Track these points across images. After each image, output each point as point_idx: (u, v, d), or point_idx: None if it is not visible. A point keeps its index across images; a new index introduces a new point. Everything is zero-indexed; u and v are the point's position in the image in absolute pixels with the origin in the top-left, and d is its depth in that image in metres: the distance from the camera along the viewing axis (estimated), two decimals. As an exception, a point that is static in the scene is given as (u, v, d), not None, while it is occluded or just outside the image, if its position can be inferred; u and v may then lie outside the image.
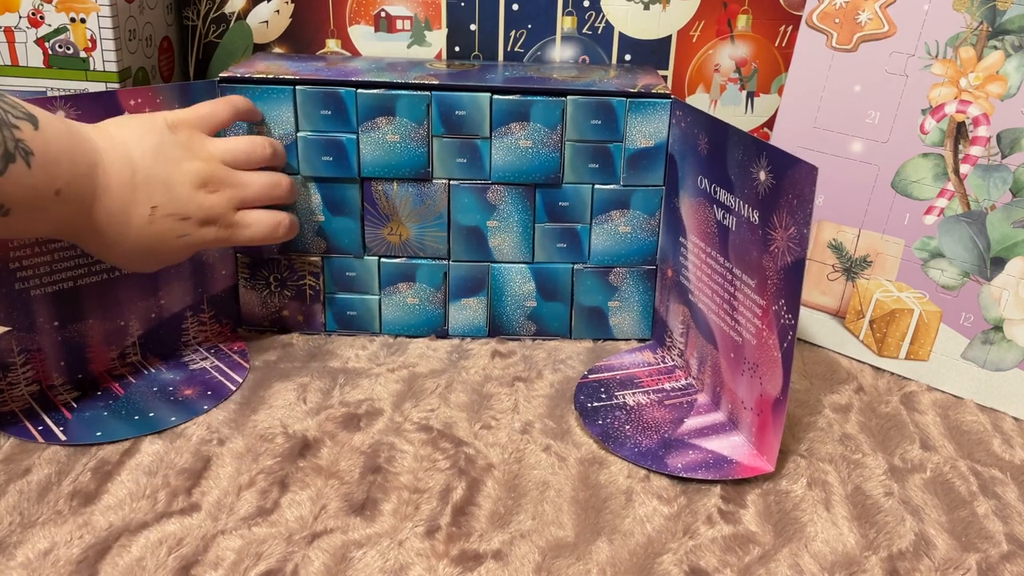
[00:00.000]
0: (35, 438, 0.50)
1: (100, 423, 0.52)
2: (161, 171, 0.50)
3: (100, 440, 0.50)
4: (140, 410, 0.53)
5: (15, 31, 0.61)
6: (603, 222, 0.62)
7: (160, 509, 0.45)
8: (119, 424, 0.52)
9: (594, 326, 0.65)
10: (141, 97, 0.54)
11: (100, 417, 0.52)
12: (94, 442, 0.50)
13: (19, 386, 0.53)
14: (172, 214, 0.50)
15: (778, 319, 0.48)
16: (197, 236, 0.52)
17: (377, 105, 0.58)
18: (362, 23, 0.72)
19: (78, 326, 0.55)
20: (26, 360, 0.53)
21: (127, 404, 0.54)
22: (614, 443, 0.51)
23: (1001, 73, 0.55)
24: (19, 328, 0.52)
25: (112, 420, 0.52)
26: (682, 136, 0.58)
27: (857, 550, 0.44)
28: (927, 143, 0.58)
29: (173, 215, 0.50)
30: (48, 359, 0.54)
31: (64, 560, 0.41)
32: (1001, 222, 0.56)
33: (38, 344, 0.53)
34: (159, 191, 0.50)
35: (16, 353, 0.52)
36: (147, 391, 0.55)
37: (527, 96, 0.58)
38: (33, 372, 0.54)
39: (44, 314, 0.53)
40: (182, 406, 0.54)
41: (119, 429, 0.51)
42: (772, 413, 0.49)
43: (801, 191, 0.45)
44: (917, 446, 0.53)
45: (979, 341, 0.58)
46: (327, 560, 0.42)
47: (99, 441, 0.50)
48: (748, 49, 0.72)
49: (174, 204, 0.50)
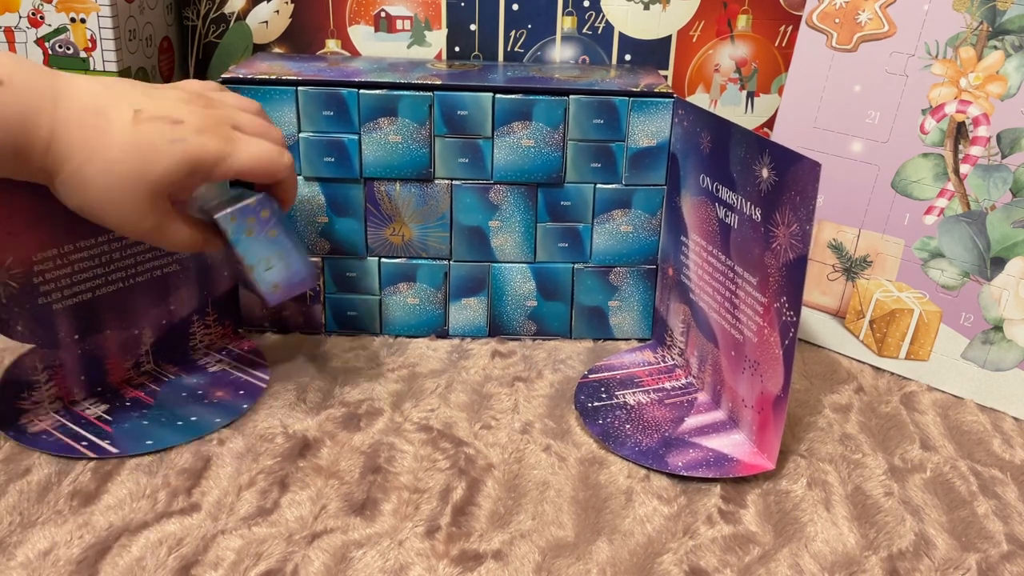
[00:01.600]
0: (84, 454, 0.48)
1: (145, 432, 0.51)
2: (140, 86, 0.44)
3: (152, 449, 0.49)
4: (179, 415, 0.53)
5: (15, 31, 0.61)
6: (604, 221, 0.62)
7: (160, 509, 0.45)
8: (164, 431, 0.51)
9: (594, 326, 0.65)
10: None
11: (141, 427, 0.51)
12: (146, 451, 0.49)
13: (43, 404, 0.52)
14: (160, 117, 0.43)
15: (780, 316, 0.48)
16: (195, 143, 0.43)
17: (379, 105, 0.58)
18: (362, 23, 0.72)
19: (96, 338, 0.53)
20: (49, 377, 0.51)
21: (162, 412, 0.53)
22: (614, 443, 0.51)
23: (1001, 73, 0.55)
24: (43, 344, 0.51)
25: (155, 428, 0.51)
26: (684, 135, 0.58)
27: (857, 550, 0.44)
28: (927, 143, 0.58)
29: (162, 118, 0.43)
30: (70, 374, 0.53)
31: (64, 560, 0.41)
32: (1001, 222, 0.56)
33: (60, 359, 0.52)
34: (141, 98, 0.43)
35: (40, 371, 0.51)
36: (176, 397, 0.55)
37: (529, 96, 0.58)
38: (56, 389, 0.52)
39: (65, 328, 0.52)
40: (220, 408, 0.54)
41: (167, 436, 0.51)
42: (773, 411, 0.49)
43: (804, 188, 0.45)
44: (917, 446, 0.53)
45: (979, 341, 0.58)
46: (327, 560, 0.42)
47: (151, 450, 0.49)
48: (748, 49, 0.72)
49: (161, 108, 0.43)
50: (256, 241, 0.49)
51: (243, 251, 0.49)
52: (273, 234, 0.50)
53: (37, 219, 0.48)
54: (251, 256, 0.49)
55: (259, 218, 0.49)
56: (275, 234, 0.50)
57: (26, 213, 0.48)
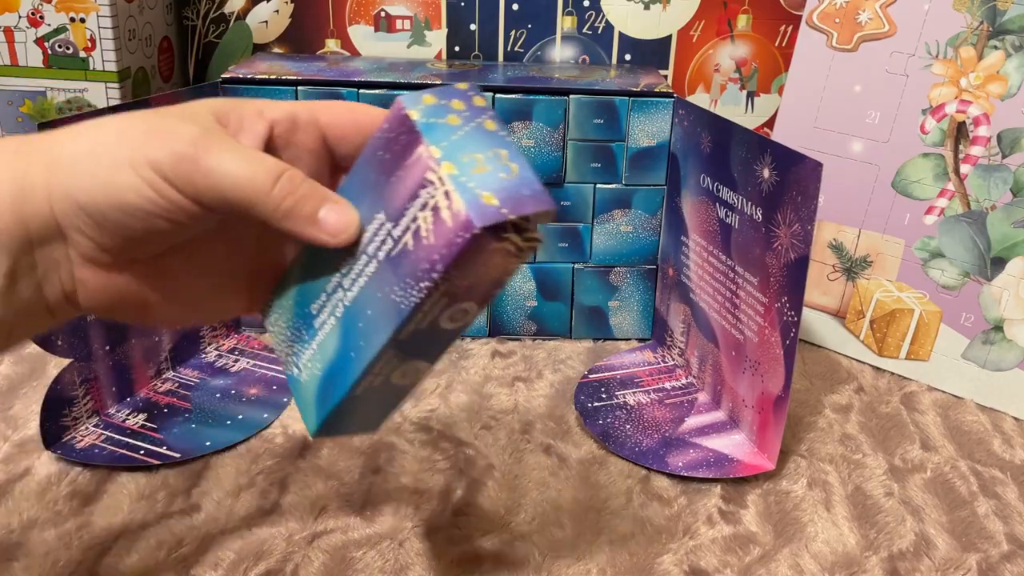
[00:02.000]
0: (146, 462, 0.48)
1: (197, 434, 0.51)
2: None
3: (213, 449, 0.49)
4: (223, 415, 0.53)
5: (15, 31, 0.61)
6: (605, 221, 0.61)
7: (160, 509, 0.45)
8: (217, 431, 0.51)
9: (594, 326, 0.64)
10: (167, 103, 0.53)
11: (190, 430, 0.51)
12: (206, 452, 0.49)
13: (82, 419, 0.51)
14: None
15: (781, 316, 0.48)
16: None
17: (379, 105, 0.58)
18: (362, 23, 0.72)
19: (124, 348, 0.53)
20: (86, 391, 0.51)
21: (204, 414, 0.53)
22: (614, 443, 0.51)
23: (1001, 73, 0.55)
24: (79, 357, 0.50)
25: (206, 429, 0.51)
26: (684, 135, 0.58)
27: (857, 550, 0.44)
28: (927, 143, 0.58)
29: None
30: (103, 387, 0.52)
31: (64, 561, 0.41)
32: (1001, 222, 0.56)
33: (94, 372, 0.51)
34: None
35: (78, 385, 0.50)
36: (211, 399, 0.54)
37: (529, 95, 0.58)
38: (92, 402, 0.52)
39: (98, 340, 0.51)
40: (261, 404, 0.54)
41: (223, 435, 0.51)
42: (773, 411, 0.49)
43: (805, 187, 0.45)
44: (917, 446, 0.53)
45: (979, 341, 0.58)
46: (327, 560, 0.42)
47: (212, 450, 0.49)
48: (748, 49, 0.72)
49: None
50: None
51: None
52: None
53: None
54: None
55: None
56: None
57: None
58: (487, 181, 0.29)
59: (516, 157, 0.30)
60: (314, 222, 0.30)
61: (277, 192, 0.29)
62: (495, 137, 0.30)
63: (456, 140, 0.30)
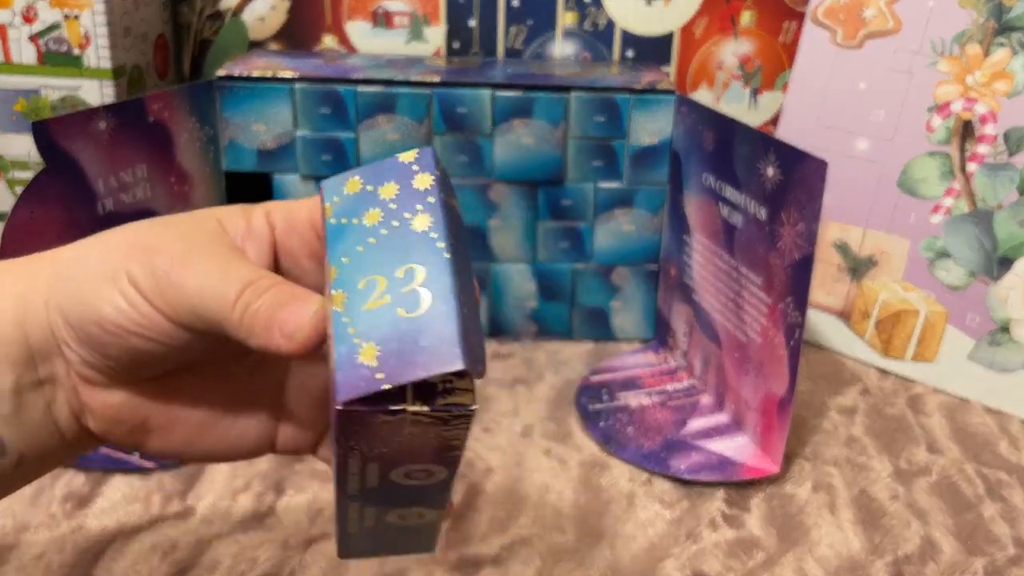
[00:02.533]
0: (141, 465, 0.47)
1: None
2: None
3: None
4: None
5: (8, 28, 0.60)
6: (606, 220, 0.61)
7: (154, 513, 0.44)
8: None
9: (596, 327, 0.64)
10: (162, 101, 0.52)
11: None
12: None
13: None
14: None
15: (785, 317, 0.48)
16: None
17: (377, 103, 0.57)
18: (359, 19, 0.71)
19: None
20: None
21: None
22: (616, 446, 0.51)
23: (1008, 70, 0.54)
24: None
25: None
26: (687, 133, 0.57)
27: (862, 554, 0.44)
28: (933, 141, 0.57)
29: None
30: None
31: (57, 565, 0.41)
32: (1008, 221, 0.55)
33: None
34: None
35: None
36: None
37: (530, 92, 0.58)
38: None
39: None
40: None
41: None
42: (777, 413, 0.49)
43: (810, 186, 0.44)
44: (923, 449, 0.52)
45: (986, 342, 0.57)
46: (324, 565, 0.41)
47: None
48: (752, 46, 0.72)
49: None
50: None
51: None
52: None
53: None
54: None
55: None
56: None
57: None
58: (376, 324, 0.22)
59: (440, 276, 0.22)
60: (269, 328, 0.25)
61: (240, 304, 0.25)
62: (419, 244, 0.23)
63: (363, 253, 0.23)
